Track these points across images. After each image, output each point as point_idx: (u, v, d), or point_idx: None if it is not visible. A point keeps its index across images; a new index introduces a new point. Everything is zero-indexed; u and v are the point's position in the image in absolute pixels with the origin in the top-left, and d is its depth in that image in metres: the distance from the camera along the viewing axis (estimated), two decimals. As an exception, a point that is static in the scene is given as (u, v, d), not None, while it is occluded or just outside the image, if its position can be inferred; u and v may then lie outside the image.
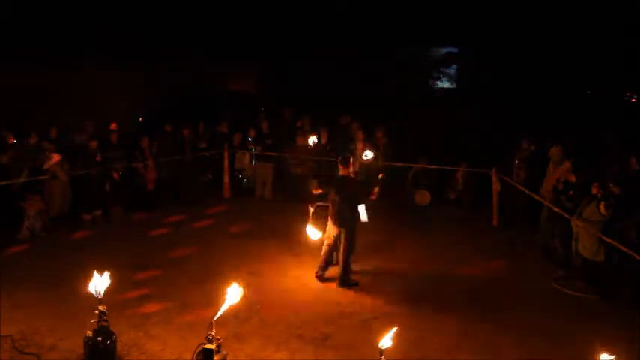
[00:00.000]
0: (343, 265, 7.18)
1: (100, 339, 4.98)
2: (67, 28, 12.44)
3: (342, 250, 7.18)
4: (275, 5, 15.35)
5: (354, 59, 15.46)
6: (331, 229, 7.24)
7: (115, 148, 10.06)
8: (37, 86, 11.87)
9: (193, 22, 14.54)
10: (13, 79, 11.48)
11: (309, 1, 15.57)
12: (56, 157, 9.00)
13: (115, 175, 9.68)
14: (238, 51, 15.25)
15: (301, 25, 15.47)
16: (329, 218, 7.26)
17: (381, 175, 7.68)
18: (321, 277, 7.32)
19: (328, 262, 7.38)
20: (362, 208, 7.31)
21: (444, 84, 18.40)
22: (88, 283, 5.09)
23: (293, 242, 8.42)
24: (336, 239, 7.24)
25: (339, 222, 7.12)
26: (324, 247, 7.35)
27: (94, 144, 9.63)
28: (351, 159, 7.33)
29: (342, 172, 7.21)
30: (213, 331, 4.43)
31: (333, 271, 7.32)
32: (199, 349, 4.44)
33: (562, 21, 14.50)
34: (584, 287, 7.11)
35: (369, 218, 7.52)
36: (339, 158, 7.31)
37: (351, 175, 7.28)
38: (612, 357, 4.01)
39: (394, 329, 4.16)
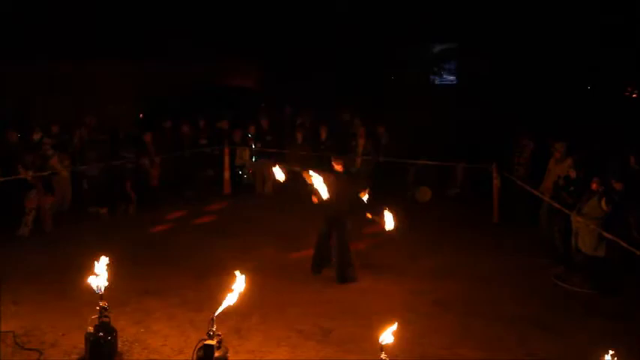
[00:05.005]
0: (341, 261, 7.16)
1: (101, 335, 4.99)
2: (67, 25, 12.43)
3: (337, 246, 7.15)
4: (275, 3, 15.34)
5: (354, 56, 15.47)
6: (324, 224, 7.22)
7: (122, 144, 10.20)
8: (36, 84, 11.89)
9: (194, 20, 14.53)
10: (12, 76, 11.49)
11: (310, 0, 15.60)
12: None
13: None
14: (239, 47, 15.24)
15: (302, 22, 15.47)
16: (323, 214, 7.23)
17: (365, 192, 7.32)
18: (316, 272, 7.30)
19: (323, 258, 7.35)
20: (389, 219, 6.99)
21: (444, 79, 18.40)
22: (89, 279, 5.10)
23: (293, 238, 8.43)
24: (329, 235, 7.21)
25: (333, 219, 7.10)
26: (316, 243, 7.34)
27: (104, 137, 9.78)
28: (343, 155, 7.31)
29: (336, 168, 7.18)
30: (214, 326, 4.44)
31: (333, 267, 7.32)
32: (200, 344, 4.45)
33: (563, 16, 14.48)
34: (584, 283, 7.11)
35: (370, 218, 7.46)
36: (334, 155, 7.27)
37: (345, 171, 7.22)
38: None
39: (394, 325, 4.18)
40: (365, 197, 7.09)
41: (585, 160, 8.27)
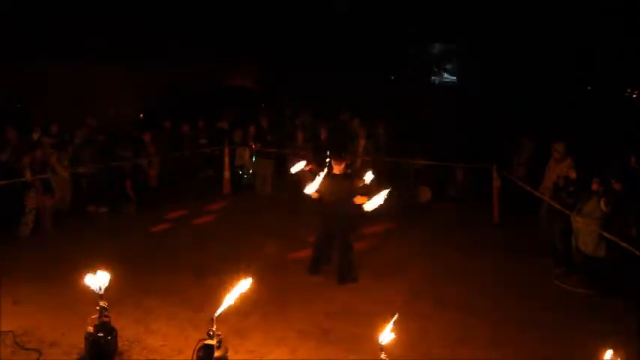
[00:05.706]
0: (343, 261, 7.16)
1: (101, 335, 5.00)
2: (67, 25, 12.43)
3: (339, 246, 7.15)
4: (275, 3, 15.35)
5: (354, 57, 15.49)
6: (323, 225, 7.22)
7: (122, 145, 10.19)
8: (36, 84, 11.88)
9: (194, 20, 14.53)
10: (12, 76, 11.48)
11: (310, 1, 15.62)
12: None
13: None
14: (239, 48, 15.25)
15: (301, 23, 15.49)
16: (321, 215, 7.22)
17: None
18: (314, 272, 7.29)
19: (322, 258, 7.34)
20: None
21: (444, 80, 18.43)
22: (89, 279, 5.10)
23: (292, 238, 8.43)
24: (329, 236, 7.20)
25: (334, 221, 7.09)
26: (314, 243, 7.35)
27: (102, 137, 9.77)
28: (346, 156, 7.27)
29: (335, 169, 7.11)
30: (214, 326, 4.43)
31: (333, 267, 7.32)
32: (200, 344, 4.45)
33: (563, 16, 14.49)
34: (585, 284, 7.11)
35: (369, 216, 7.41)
36: (334, 155, 7.20)
37: (345, 172, 7.19)
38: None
39: (392, 320, 4.17)
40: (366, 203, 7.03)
41: (585, 160, 8.27)
